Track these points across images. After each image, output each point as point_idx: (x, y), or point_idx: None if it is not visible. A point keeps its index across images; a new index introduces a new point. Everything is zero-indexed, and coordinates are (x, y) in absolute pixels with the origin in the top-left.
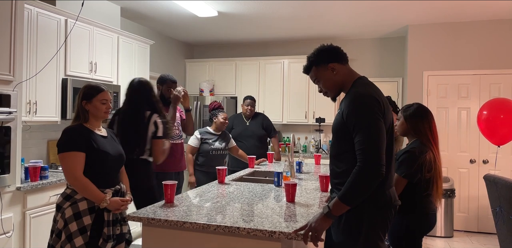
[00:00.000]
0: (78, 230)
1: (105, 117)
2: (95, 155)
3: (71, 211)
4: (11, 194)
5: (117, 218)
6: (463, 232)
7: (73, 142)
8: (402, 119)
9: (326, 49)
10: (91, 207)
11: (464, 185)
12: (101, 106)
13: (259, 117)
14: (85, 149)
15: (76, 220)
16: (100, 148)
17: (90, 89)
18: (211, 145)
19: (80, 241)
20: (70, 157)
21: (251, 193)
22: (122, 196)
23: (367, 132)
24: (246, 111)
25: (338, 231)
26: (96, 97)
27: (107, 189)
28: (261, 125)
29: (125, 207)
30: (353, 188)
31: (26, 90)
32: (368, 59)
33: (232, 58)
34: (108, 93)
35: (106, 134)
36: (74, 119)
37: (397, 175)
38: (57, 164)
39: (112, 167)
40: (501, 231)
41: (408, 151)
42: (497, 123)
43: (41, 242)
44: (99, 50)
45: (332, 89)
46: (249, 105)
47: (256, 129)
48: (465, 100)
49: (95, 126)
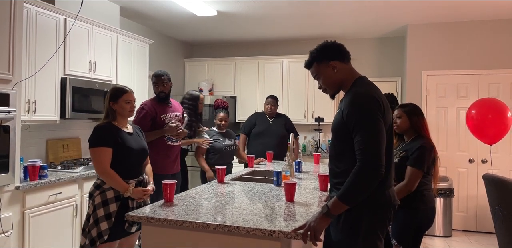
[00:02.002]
0: (105, 215)
1: (130, 115)
2: (120, 150)
3: (100, 199)
4: (10, 193)
5: (140, 205)
6: (462, 231)
7: (102, 139)
8: (405, 117)
9: (329, 46)
10: (117, 196)
11: (463, 184)
12: (126, 105)
13: (282, 118)
14: (112, 145)
15: (104, 206)
16: (126, 144)
17: (116, 91)
18: (223, 142)
19: (105, 225)
20: (100, 152)
21: (251, 192)
22: (145, 186)
23: (367, 132)
24: (267, 110)
25: (337, 230)
26: (121, 97)
27: (131, 180)
28: (283, 125)
29: (147, 196)
30: (352, 187)
31: (25, 89)
32: (367, 59)
33: (232, 58)
34: (132, 94)
35: (132, 131)
36: (104, 118)
37: (415, 169)
38: (56, 163)
39: (135, 160)
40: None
41: (421, 146)
42: (485, 122)
43: (40, 241)
44: (98, 50)
45: (331, 87)
46: (269, 103)
47: (278, 128)
48: (464, 99)
49: (122, 124)
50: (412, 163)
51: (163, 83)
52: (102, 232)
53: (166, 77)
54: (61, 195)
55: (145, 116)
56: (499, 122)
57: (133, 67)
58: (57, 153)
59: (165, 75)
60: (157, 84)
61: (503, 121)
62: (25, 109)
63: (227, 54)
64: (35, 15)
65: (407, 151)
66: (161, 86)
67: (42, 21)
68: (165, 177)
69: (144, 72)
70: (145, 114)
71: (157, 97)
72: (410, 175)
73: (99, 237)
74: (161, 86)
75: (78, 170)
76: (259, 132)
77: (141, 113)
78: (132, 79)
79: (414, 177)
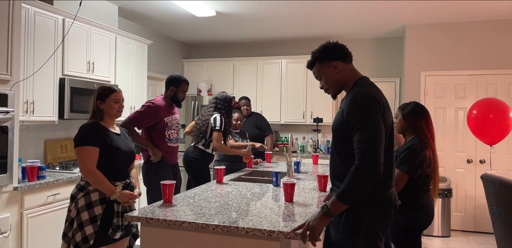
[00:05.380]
0: (89, 219)
1: (118, 115)
2: (108, 150)
3: (84, 201)
4: (8, 194)
5: (126, 210)
6: (460, 231)
7: (88, 138)
8: (400, 117)
9: (331, 46)
10: (102, 198)
11: (461, 185)
12: (114, 105)
13: (253, 117)
14: (99, 144)
15: (88, 209)
16: (113, 144)
17: (104, 90)
18: (238, 141)
19: (90, 229)
20: (85, 151)
21: (250, 192)
22: (131, 190)
23: (366, 131)
24: (244, 111)
25: (338, 230)
26: (109, 97)
27: (118, 182)
28: (254, 124)
29: (133, 200)
30: (350, 186)
31: (24, 89)
32: (366, 60)
33: (230, 58)
34: (121, 93)
35: (119, 132)
36: (90, 117)
37: (399, 171)
38: (54, 164)
39: (123, 161)
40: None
41: (409, 147)
42: (486, 123)
43: (38, 242)
44: (96, 50)
45: (333, 87)
46: (244, 105)
47: (248, 129)
48: (462, 100)
49: (110, 124)
50: (397, 164)
51: (187, 91)
52: (88, 237)
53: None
54: (60, 195)
55: (153, 114)
56: (500, 123)
57: (132, 67)
58: (55, 153)
59: None
60: (183, 91)
61: (504, 122)
62: (23, 109)
63: (225, 55)
64: (33, 15)
65: (397, 152)
66: (185, 93)
67: (41, 21)
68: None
69: (142, 73)
70: (154, 113)
71: (173, 102)
72: (395, 177)
73: (84, 242)
74: (184, 94)
75: (76, 171)
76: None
77: (150, 110)
78: (130, 80)
79: (398, 178)
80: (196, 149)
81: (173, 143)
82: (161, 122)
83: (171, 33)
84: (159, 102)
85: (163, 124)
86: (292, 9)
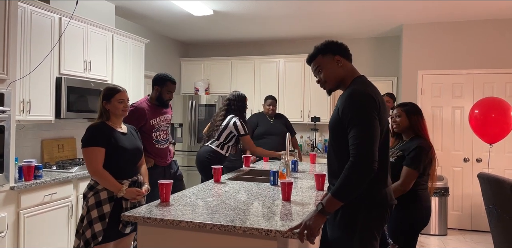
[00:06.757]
0: (98, 217)
1: (123, 115)
2: (113, 150)
3: (93, 200)
4: (4, 194)
5: (135, 205)
6: (457, 230)
7: (95, 139)
8: (404, 116)
9: (336, 42)
10: (110, 196)
11: (458, 183)
12: (119, 105)
13: (283, 118)
14: (105, 145)
15: (97, 207)
16: (119, 144)
17: (109, 91)
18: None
19: (99, 226)
20: (91, 152)
21: (247, 192)
22: (139, 186)
23: (361, 128)
24: (268, 111)
25: (333, 228)
26: (114, 97)
27: (125, 180)
28: (284, 124)
29: (141, 196)
30: (345, 183)
31: (20, 88)
32: (363, 59)
33: (228, 57)
34: (125, 93)
35: (126, 131)
36: (98, 118)
37: (411, 170)
38: (51, 163)
39: (128, 160)
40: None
41: (419, 146)
42: (488, 121)
43: (35, 241)
44: (93, 49)
45: (332, 81)
46: (270, 104)
47: (280, 127)
48: (459, 99)
49: (116, 123)
50: (409, 163)
51: (173, 91)
52: (96, 234)
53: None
54: (56, 195)
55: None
56: (502, 121)
57: (129, 66)
58: (52, 153)
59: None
60: (169, 91)
61: (506, 121)
62: (19, 108)
63: (223, 54)
64: (30, 14)
65: (404, 150)
66: (171, 94)
67: (37, 20)
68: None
69: (139, 72)
70: (138, 117)
71: (158, 102)
72: (405, 175)
73: (93, 238)
74: (170, 94)
75: (73, 170)
76: (262, 133)
77: (133, 114)
78: (127, 79)
79: (409, 177)
80: (210, 150)
81: (162, 145)
82: (147, 124)
83: (168, 32)
84: (142, 105)
85: (149, 127)
86: (290, 8)
